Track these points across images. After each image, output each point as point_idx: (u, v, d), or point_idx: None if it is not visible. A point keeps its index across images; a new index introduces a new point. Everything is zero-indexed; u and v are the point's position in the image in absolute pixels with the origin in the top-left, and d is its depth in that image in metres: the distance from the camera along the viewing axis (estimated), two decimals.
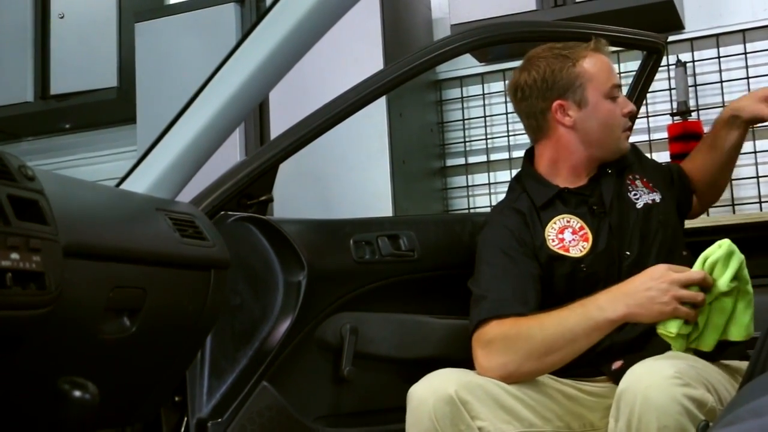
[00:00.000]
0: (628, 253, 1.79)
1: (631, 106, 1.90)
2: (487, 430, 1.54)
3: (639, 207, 1.84)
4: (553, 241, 1.80)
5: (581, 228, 1.81)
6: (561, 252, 1.78)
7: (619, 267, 1.77)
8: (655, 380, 1.41)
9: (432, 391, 1.54)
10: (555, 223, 1.82)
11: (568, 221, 1.82)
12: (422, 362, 1.85)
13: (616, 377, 1.62)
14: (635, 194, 1.87)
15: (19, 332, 1.10)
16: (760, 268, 2.37)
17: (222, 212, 1.78)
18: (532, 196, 1.86)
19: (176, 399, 1.70)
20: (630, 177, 1.90)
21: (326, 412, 1.85)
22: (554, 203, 1.85)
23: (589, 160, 1.88)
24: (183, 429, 1.69)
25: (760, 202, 3.16)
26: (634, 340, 1.71)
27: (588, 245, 1.79)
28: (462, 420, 1.52)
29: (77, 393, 1.12)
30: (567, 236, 1.80)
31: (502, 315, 1.66)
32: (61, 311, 1.12)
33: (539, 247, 1.79)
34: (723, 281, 1.55)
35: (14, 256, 1.03)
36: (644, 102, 2.47)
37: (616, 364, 1.70)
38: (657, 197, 1.88)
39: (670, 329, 1.55)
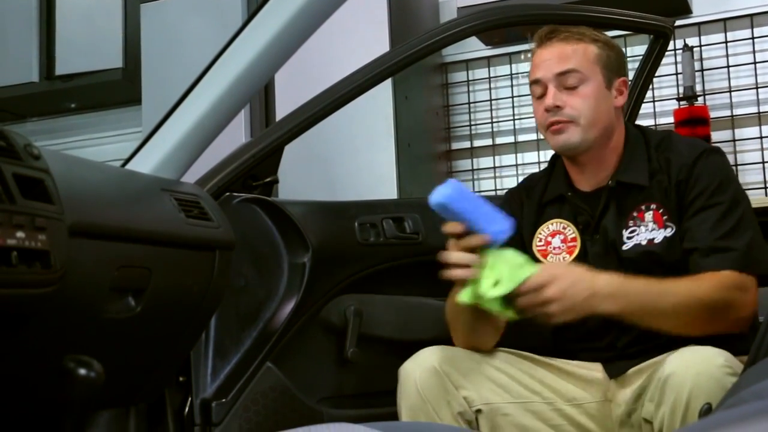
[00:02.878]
0: None
1: (546, 101, 1.67)
2: (472, 398, 1.56)
3: (625, 249, 1.65)
4: (540, 241, 1.74)
5: (573, 240, 1.71)
6: (539, 256, 1.72)
7: None
8: (706, 367, 1.39)
9: (417, 364, 1.57)
10: (552, 224, 1.75)
11: (564, 228, 1.73)
12: (426, 344, 1.84)
13: (609, 373, 1.64)
14: (632, 231, 1.66)
15: (25, 310, 1.11)
16: None
17: (227, 193, 1.78)
18: (548, 187, 1.78)
19: (180, 379, 1.70)
20: (644, 206, 1.66)
21: (330, 393, 1.86)
22: (559, 203, 1.76)
23: (570, 164, 1.76)
24: (187, 409, 1.70)
25: (766, 188, 3.15)
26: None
27: (569, 259, 1.69)
28: (447, 390, 1.54)
29: (82, 371, 1.13)
30: (555, 242, 1.72)
31: None
32: (67, 290, 1.13)
33: (527, 240, 1.75)
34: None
35: (20, 234, 1.03)
36: (650, 86, 2.45)
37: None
38: (661, 235, 1.64)
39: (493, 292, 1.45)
